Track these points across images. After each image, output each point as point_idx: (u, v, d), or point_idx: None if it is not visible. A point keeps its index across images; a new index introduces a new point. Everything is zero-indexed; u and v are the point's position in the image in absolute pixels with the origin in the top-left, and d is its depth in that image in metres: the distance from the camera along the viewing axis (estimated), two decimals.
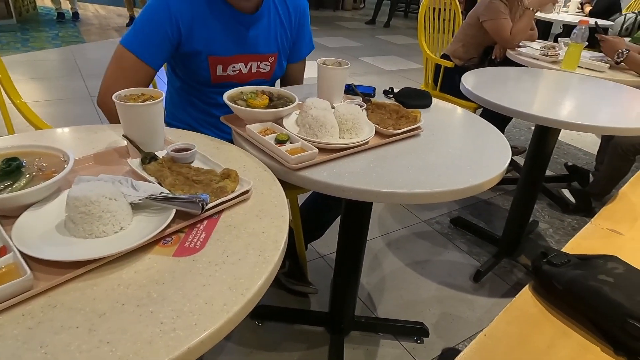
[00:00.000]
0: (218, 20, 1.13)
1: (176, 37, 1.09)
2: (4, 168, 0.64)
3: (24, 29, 5.13)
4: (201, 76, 1.19)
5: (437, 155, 0.95)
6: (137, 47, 1.07)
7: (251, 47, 1.21)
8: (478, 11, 2.28)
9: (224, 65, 1.19)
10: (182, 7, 1.07)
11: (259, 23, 1.20)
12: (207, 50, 1.14)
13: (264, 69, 1.27)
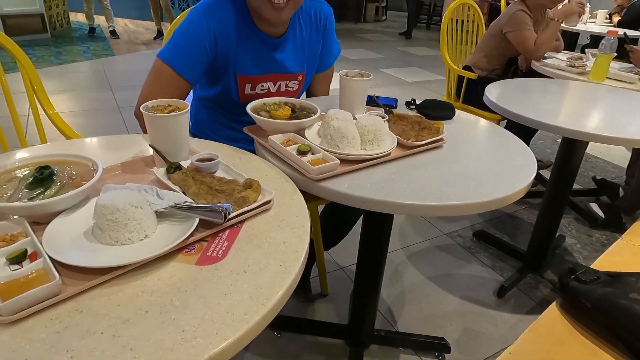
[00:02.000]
0: (248, 41, 1.15)
1: (212, 52, 1.11)
2: (37, 176, 0.67)
3: (58, 43, 5.35)
4: (230, 94, 1.20)
5: (460, 167, 0.94)
6: (175, 61, 1.08)
7: (279, 68, 1.22)
8: (501, 22, 2.26)
9: (252, 84, 1.20)
10: (219, 23, 1.09)
11: (286, 45, 1.21)
12: (236, 69, 1.16)
13: (292, 87, 1.28)
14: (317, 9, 1.27)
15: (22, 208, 0.62)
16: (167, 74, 1.09)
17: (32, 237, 0.58)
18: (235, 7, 1.12)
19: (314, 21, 1.26)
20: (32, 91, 1.19)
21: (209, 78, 1.20)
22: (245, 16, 1.14)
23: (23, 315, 0.48)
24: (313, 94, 1.43)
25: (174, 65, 1.08)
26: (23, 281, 0.52)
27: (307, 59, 1.28)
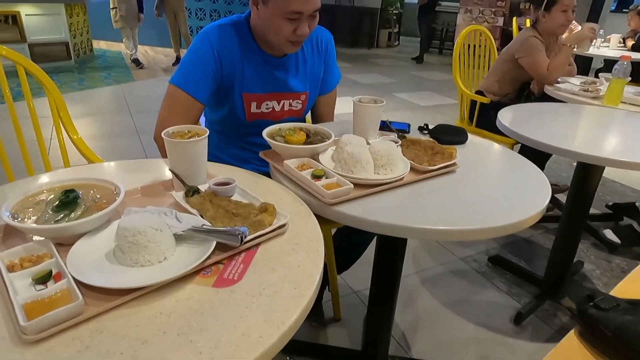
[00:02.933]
0: (252, 61, 1.21)
1: (219, 72, 1.17)
2: (63, 199, 0.69)
3: (81, 69, 5.56)
4: (237, 114, 1.25)
5: (474, 192, 0.94)
6: (186, 84, 1.15)
7: (283, 87, 1.27)
8: (513, 48, 2.29)
9: (257, 102, 1.25)
10: (223, 45, 1.16)
11: (289, 64, 1.26)
12: (242, 88, 1.21)
13: (295, 106, 1.32)
14: (318, 34, 1.32)
15: (48, 230, 0.65)
16: (180, 97, 1.15)
17: (57, 258, 0.60)
18: (238, 31, 1.19)
19: (315, 45, 1.32)
20: (57, 117, 1.24)
21: (217, 99, 1.25)
22: (248, 38, 1.20)
23: (46, 334, 0.50)
24: (318, 116, 1.47)
25: (185, 87, 1.15)
26: (47, 301, 0.54)
27: (310, 80, 1.33)
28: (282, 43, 1.15)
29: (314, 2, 1.09)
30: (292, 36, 1.12)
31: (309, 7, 1.09)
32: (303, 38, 1.14)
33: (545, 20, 2.23)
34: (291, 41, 1.14)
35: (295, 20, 1.10)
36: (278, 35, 1.14)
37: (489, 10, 7.98)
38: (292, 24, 1.10)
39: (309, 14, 1.11)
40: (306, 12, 1.09)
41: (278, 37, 1.14)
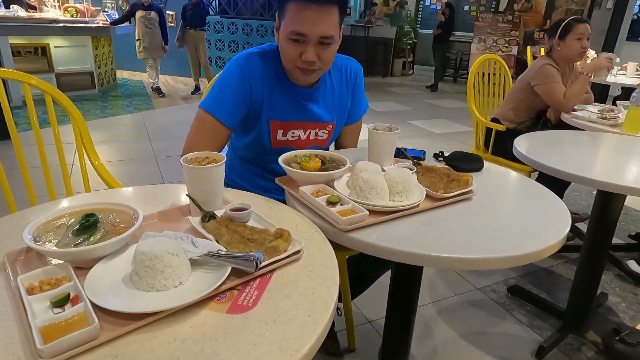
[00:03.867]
0: (281, 89, 1.22)
1: (248, 99, 1.18)
2: (83, 223, 0.71)
3: (104, 98, 5.76)
4: (262, 140, 1.26)
5: (491, 219, 0.93)
6: (215, 109, 1.17)
7: (310, 116, 1.27)
8: (528, 75, 2.29)
9: (284, 130, 1.26)
10: (253, 72, 1.18)
11: (317, 95, 1.27)
12: (269, 115, 1.22)
13: (321, 136, 1.32)
14: (348, 65, 1.34)
15: (67, 253, 0.66)
16: (209, 122, 1.17)
17: (75, 281, 0.61)
18: (268, 59, 1.20)
19: (344, 76, 1.33)
20: (80, 143, 1.28)
21: (245, 125, 1.26)
22: (278, 67, 1.21)
23: (62, 358, 0.50)
24: (342, 145, 1.46)
25: (215, 112, 1.16)
26: (64, 324, 0.54)
27: (337, 111, 1.33)
28: (292, 69, 1.16)
29: (316, 26, 1.07)
30: (298, 61, 1.12)
31: (310, 29, 1.07)
32: (311, 65, 1.12)
33: (560, 49, 2.24)
34: (299, 67, 1.14)
35: (301, 43, 1.10)
36: (287, 60, 1.15)
37: (502, 39, 8.06)
38: (298, 47, 1.10)
39: (316, 40, 1.09)
40: (310, 35, 1.08)
41: (287, 61, 1.16)
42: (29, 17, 5.26)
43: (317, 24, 1.07)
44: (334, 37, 1.12)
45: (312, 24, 1.07)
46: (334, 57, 1.19)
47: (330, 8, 1.08)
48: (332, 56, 1.17)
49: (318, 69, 1.15)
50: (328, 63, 1.17)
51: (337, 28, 1.13)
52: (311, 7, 1.06)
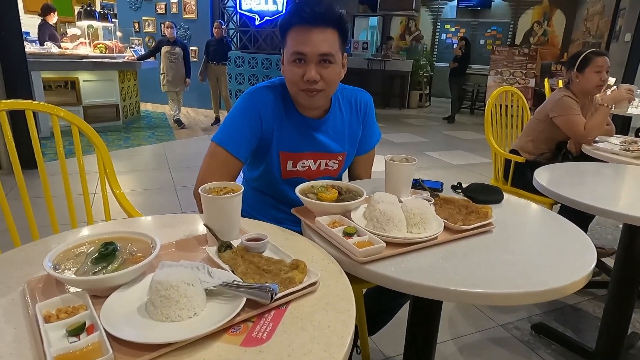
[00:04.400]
0: (290, 121, 1.25)
1: (259, 132, 1.22)
2: (102, 251, 0.72)
3: (128, 129, 5.94)
4: (273, 171, 1.28)
5: (512, 253, 0.91)
6: (226, 141, 1.20)
7: (320, 147, 1.29)
8: (547, 107, 2.28)
9: (293, 160, 1.28)
10: (264, 105, 1.22)
11: (326, 126, 1.29)
12: (279, 146, 1.25)
13: (332, 166, 1.33)
14: (358, 96, 1.36)
15: (85, 282, 0.67)
16: (220, 154, 1.20)
17: (92, 310, 0.61)
18: (279, 92, 1.25)
19: (354, 107, 1.35)
20: (103, 173, 1.32)
21: (255, 156, 1.29)
22: (287, 101, 1.25)
23: None
24: (355, 175, 1.47)
25: (226, 145, 1.20)
26: (79, 354, 0.54)
27: (348, 141, 1.34)
28: (297, 93, 1.19)
29: (315, 45, 1.12)
30: (301, 82, 1.15)
31: (309, 48, 1.12)
32: (313, 85, 1.15)
33: (579, 81, 2.23)
34: (302, 89, 1.16)
35: (302, 64, 1.14)
36: (291, 84, 1.19)
37: (519, 71, 8.10)
38: (300, 67, 1.14)
39: (316, 58, 1.13)
40: (309, 54, 1.12)
41: (291, 85, 1.19)
42: (61, 54, 5.54)
43: (315, 43, 1.12)
44: (334, 55, 1.15)
45: (311, 44, 1.12)
46: (338, 79, 1.21)
47: (328, 29, 1.14)
48: (335, 77, 1.19)
49: (322, 89, 1.17)
50: (331, 84, 1.19)
51: (338, 50, 1.17)
52: (309, 28, 1.12)
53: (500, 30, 10.98)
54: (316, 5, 1.12)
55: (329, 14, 1.13)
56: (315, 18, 1.12)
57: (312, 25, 1.12)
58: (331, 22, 1.14)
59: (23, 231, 1.16)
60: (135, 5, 7.83)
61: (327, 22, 1.13)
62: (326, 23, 1.13)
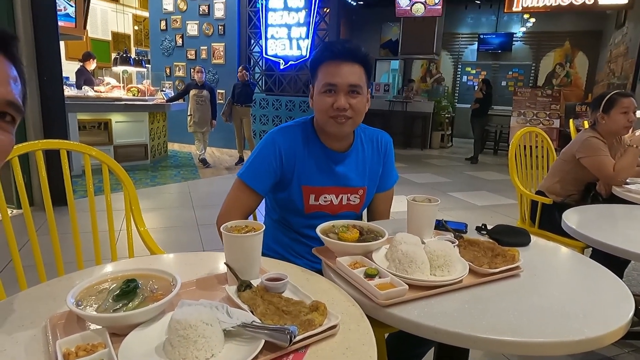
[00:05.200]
0: (314, 156, 1.30)
1: (279, 168, 1.28)
2: (124, 288, 0.72)
3: (155, 168, 6.12)
4: (295, 205, 1.31)
5: (542, 299, 0.86)
6: (249, 178, 1.28)
7: (342, 181, 1.32)
8: (573, 148, 2.24)
9: (316, 195, 1.31)
10: (286, 144, 1.28)
11: (349, 160, 1.34)
12: (301, 181, 1.29)
13: (353, 201, 1.35)
14: (379, 136, 1.42)
15: (104, 319, 0.67)
16: (243, 188, 1.29)
17: (110, 348, 0.61)
18: (301, 130, 1.32)
19: (375, 145, 1.40)
20: (129, 211, 1.35)
21: (278, 191, 1.34)
22: (311, 134, 1.32)
23: None
24: (375, 212, 1.48)
25: (248, 180, 1.28)
26: None
27: (369, 176, 1.37)
28: (326, 121, 1.25)
29: (345, 76, 1.21)
30: (330, 110, 1.22)
31: (340, 79, 1.21)
32: (342, 112, 1.22)
33: (605, 122, 2.19)
34: (332, 116, 1.23)
35: (333, 93, 1.22)
36: (321, 113, 1.25)
37: (543, 112, 8.05)
38: (330, 97, 1.22)
39: (345, 89, 1.21)
40: (340, 84, 1.21)
41: (321, 114, 1.25)
42: (96, 97, 5.85)
43: (345, 75, 1.21)
44: (362, 88, 1.24)
45: (341, 75, 1.21)
46: (364, 109, 1.28)
47: (356, 65, 1.24)
48: (362, 106, 1.26)
49: (350, 117, 1.24)
50: (359, 113, 1.26)
51: (364, 83, 1.26)
52: (340, 63, 1.22)
53: (521, 72, 11.04)
54: (346, 43, 1.24)
55: (357, 52, 1.24)
56: (345, 54, 1.22)
57: (342, 60, 1.22)
58: (358, 58, 1.24)
59: (49, 266, 1.19)
60: (168, 52, 8.28)
61: (355, 58, 1.23)
62: (354, 59, 1.23)
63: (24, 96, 0.64)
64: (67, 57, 7.84)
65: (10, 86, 0.61)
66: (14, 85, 0.61)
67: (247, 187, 1.28)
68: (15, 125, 0.64)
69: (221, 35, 7.72)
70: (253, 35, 7.72)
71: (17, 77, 0.63)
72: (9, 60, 0.62)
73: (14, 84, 0.61)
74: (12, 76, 0.61)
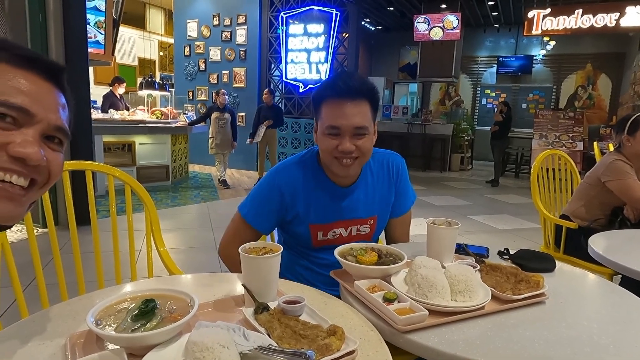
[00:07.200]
0: (319, 192, 1.26)
1: (283, 208, 1.25)
2: (142, 308, 0.73)
3: (175, 189, 6.22)
4: (304, 239, 1.28)
5: (570, 328, 0.83)
6: (249, 215, 1.26)
7: (350, 214, 1.28)
8: (598, 171, 2.18)
9: (324, 231, 1.27)
10: (288, 184, 1.24)
11: (356, 193, 1.28)
12: (307, 219, 1.25)
13: (363, 231, 1.31)
14: (390, 160, 1.35)
15: (122, 339, 0.67)
16: (242, 225, 1.26)
17: None
18: (306, 166, 1.27)
19: (385, 171, 1.34)
20: (150, 231, 1.37)
21: (284, 228, 1.31)
22: (316, 171, 1.27)
23: None
24: (393, 238, 1.44)
25: (247, 218, 1.26)
26: None
27: (379, 204, 1.32)
28: (330, 162, 1.19)
29: (349, 118, 1.13)
30: (335, 151, 1.15)
31: (344, 122, 1.13)
32: (347, 155, 1.15)
33: (631, 145, 2.13)
34: (336, 157, 1.17)
35: (337, 136, 1.15)
36: (324, 153, 1.20)
37: (565, 135, 7.91)
38: (334, 139, 1.15)
39: (350, 131, 1.14)
40: (344, 127, 1.14)
41: (325, 154, 1.20)
42: (122, 120, 6.05)
43: (349, 116, 1.14)
44: (368, 128, 1.16)
45: (345, 117, 1.14)
46: (372, 148, 1.21)
47: (362, 102, 1.16)
48: (369, 146, 1.19)
49: (357, 157, 1.17)
50: (367, 153, 1.19)
51: (370, 121, 1.18)
52: (343, 102, 1.14)
53: (542, 94, 10.94)
54: (349, 80, 1.15)
55: (361, 88, 1.15)
56: (348, 92, 1.14)
57: (346, 98, 1.14)
58: (363, 94, 1.16)
59: (71, 285, 1.21)
60: (191, 76, 8.53)
61: (359, 95, 1.15)
62: (359, 96, 1.15)
63: (70, 122, 0.69)
64: (95, 82, 8.15)
65: (59, 113, 0.66)
66: (62, 112, 0.67)
67: (245, 224, 1.25)
68: (64, 147, 0.69)
69: (242, 60, 7.93)
70: (273, 60, 7.90)
71: (65, 105, 0.68)
72: (59, 89, 0.67)
73: (62, 110, 0.67)
74: (61, 104, 0.67)
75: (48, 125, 0.64)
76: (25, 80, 0.62)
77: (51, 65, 0.66)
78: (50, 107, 0.64)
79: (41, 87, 0.64)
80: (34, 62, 0.64)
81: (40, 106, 0.63)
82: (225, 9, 7.91)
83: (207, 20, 8.13)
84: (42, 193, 0.68)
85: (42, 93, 0.64)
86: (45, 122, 0.63)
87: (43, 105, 0.63)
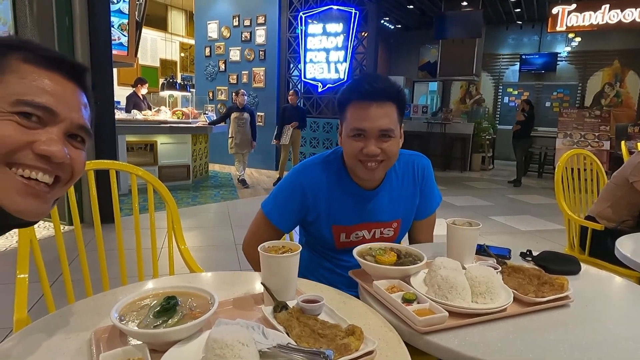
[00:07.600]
0: (343, 193, 1.24)
1: (305, 207, 1.25)
2: (164, 305, 0.74)
3: (196, 188, 6.31)
4: (326, 240, 1.28)
5: (595, 332, 0.81)
6: (272, 213, 1.26)
7: (374, 217, 1.27)
8: (626, 171, 2.12)
9: (347, 233, 1.26)
10: (311, 184, 1.23)
11: (380, 196, 1.27)
12: (330, 220, 1.25)
13: (387, 234, 1.30)
14: (415, 162, 1.33)
15: (144, 335, 0.69)
16: (265, 222, 1.27)
17: None
18: (330, 167, 1.25)
19: (411, 172, 1.31)
20: (171, 229, 1.39)
21: (306, 227, 1.31)
22: (340, 172, 1.25)
23: None
24: (416, 240, 1.42)
25: (270, 216, 1.26)
26: None
27: (403, 207, 1.30)
28: (355, 165, 1.17)
29: (374, 121, 1.11)
30: (359, 154, 1.14)
31: (369, 124, 1.12)
32: (372, 158, 1.13)
33: None
34: (361, 160, 1.15)
35: (362, 138, 1.13)
36: (349, 156, 1.18)
37: (591, 134, 7.70)
38: (359, 142, 1.14)
39: (376, 134, 1.12)
40: (369, 130, 1.12)
41: (350, 158, 1.18)
42: (144, 120, 6.17)
43: (375, 119, 1.12)
44: (394, 131, 1.14)
45: (370, 119, 1.12)
46: (397, 151, 1.19)
47: (387, 104, 1.14)
48: (395, 149, 1.17)
49: (382, 160, 1.15)
50: (392, 156, 1.17)
51: (397, 123, 1.16)
52: (369, 104, 1.12)
53: (567, 92, 10.66)
54: (374, 82, 1.13)
55: (387, 90, 1.14)
56: (373, 94, 1.12)
57: (371, 101, 1.12)
58: (389, 97, 1.14)
59: (95, 282, 1.24)
60: (211, 77, 8.64)
61: (385, 97, 1.13)
62: (384, 98, 1.13)
63: (92, 121, 0.71)
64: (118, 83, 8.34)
65: (81, 112, 0.68)
66: (84, 111, 0.69)
67: (268, 222, 1.26)
68: (86, 146, 0.71)
69: (262, 60, 7.98)
70: (292, 60, 7.93)
71: (87, 104, 0.70)
72: (81, 89, 0.70)
73: (84, 110, 0.69)
74: (83, 103, 0.69)
75: (71, 124, 0.66)
76: (49, 80, 0.64)
77: (74, 66, 0.68)
78: (73, 106, 0.66)
79: (65, 87, 0.66)
80: (57, 62, 0.66)
81: (64, 105, 0.65)
82: (245, 9, 7.98)
83: (227, 21, 8.22)
84: (66, 190, 0.70)
85: (65, 93, 0.66)
86: (68, 120, 0.65)
87: (67, 105, 0.65)
